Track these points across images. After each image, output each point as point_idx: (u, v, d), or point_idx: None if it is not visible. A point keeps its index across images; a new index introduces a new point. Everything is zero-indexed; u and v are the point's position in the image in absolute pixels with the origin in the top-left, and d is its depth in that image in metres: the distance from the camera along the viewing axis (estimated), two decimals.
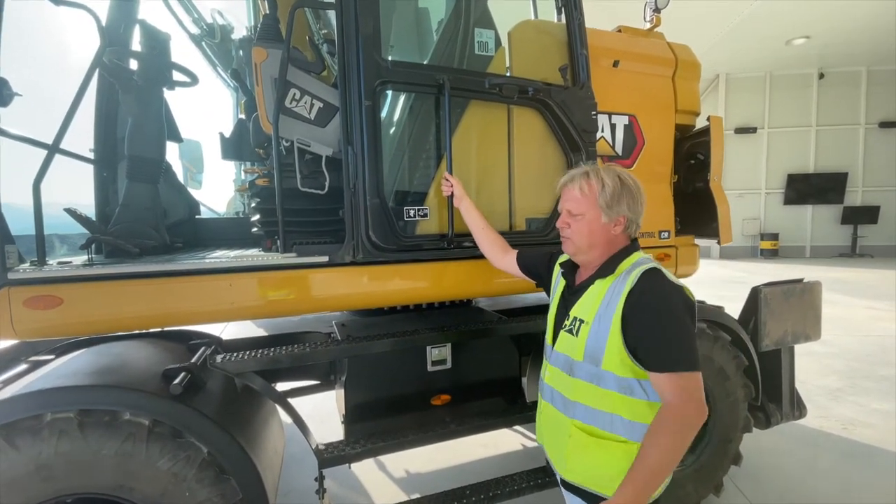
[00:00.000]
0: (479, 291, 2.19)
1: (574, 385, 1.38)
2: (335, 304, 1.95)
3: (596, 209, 1.37)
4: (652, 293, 1.25)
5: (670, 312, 1.23)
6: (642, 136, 2.42)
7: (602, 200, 1.36)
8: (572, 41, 2.09)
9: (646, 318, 1.24)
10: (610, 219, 1.37)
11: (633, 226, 1.40)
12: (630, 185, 1.37)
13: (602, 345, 1.29)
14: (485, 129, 2.05)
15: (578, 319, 1.38)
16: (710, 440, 2.72)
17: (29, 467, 1.51)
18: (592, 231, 1.39)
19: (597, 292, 1.36)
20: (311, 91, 1.94)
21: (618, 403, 1.30)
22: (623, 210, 1.36)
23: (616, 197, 1.35)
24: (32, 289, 1.53)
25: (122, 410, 1.59)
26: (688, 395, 1.18)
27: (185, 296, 1.68)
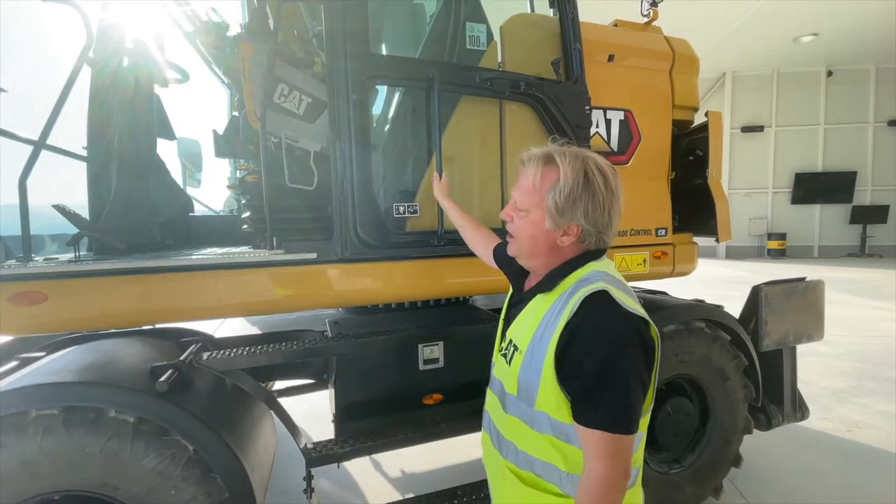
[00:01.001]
0: (473, 289, 2.17)
1: (507, 422, 1.17)
2: (325, 301, 1.93)
3: (542, 210, 1.07)
4: (589, 327, 0.99)
5: (610, 354, 0.97)
6: (638, 132, 2.38)
7: (551, 200, 1.04)
8: (566, 35, 2.06)
9: (578, 357, 0.99)
10: (556, 226, 1.06)
11: (590, 238, 1.08)
12: (596, 186, 1.03)
13: (535, 382, 1.06)
14: (476, 125, 2.03)
15: (513, 345, 1.15)
16: (710, 441, 2.68)
17: (14, 464, 1.50)
18: (534, 235, 1.10)
19: (535, 314, 1.11)
20: (300, 86, 1.92)
21: (553, 451, 1.07)
22: (577, 217, 1.04)
23: (571, 199, 1.02)
24: (17, 285, 1.52)
25: (107, 408, 1.58)
26: (609, 461, 0.97)
27: (170, 293, 1.67)
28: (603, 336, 0.99)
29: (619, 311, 1.00)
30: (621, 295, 1.03)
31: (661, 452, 2.64)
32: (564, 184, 1.03)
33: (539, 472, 1.10)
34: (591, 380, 0.98)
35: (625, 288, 1.08)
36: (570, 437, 1.05)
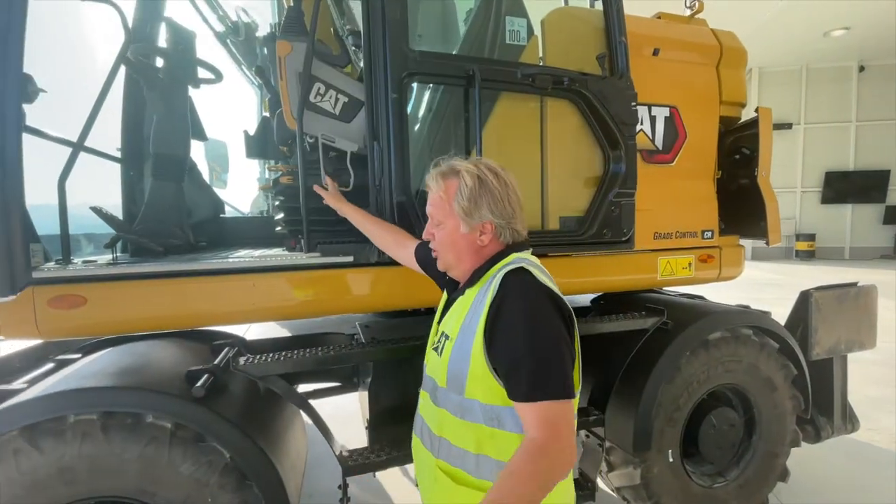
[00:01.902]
0: None
1: (440, 416, 1.16)
2: (360, 305, 1.88)
3: (454, 217, 1.15)
4: (511, 299, 1.03)
5: (529, 326, 1.00)
6: (684, 129, 2.27)
7: (457, 207, 1.13)
8: (610, 28, 1.97)
9: (503, 332, 1.02)
10: (471, 228, 1.14)
11: (505, 231, 1.15)
12: (490, 183, 1.12)
13: (465, 367, 1.07)
14: (516, 123, 1.95)
15: (444, 335, 1.17)
16: (755, 454, 2.55)
17: (51, 470, 1.48)
18: (455, 242, 1.17)
19: (464, 303, 1.15)
20: (336, 85, 1.87)
21: (485, 440, 1.07)
22: (485, 215, 1.12)
23: (474, 200, 1.11)
24: (57, 288, 1.50)
25: (145, 413, 1.55)
26: (552, 430, 0.95)
27: (208, 296, 1.64)
28: (524, 308, 1.03)
29: (536, 283, 1.06)
30: (539, 273, 1.09)
31: (704, 465, 2.53)
32: (464, 188, 1.13)
33: (471, 468, 1.10)
34: (519, 351, 1.00)
35: (543, 271, 1.14)
36: (503, 421, 1.06)
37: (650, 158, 2.19)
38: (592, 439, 2.28)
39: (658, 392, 2.18)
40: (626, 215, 1.99)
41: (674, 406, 2.26)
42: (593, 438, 2.27)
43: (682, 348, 2.21)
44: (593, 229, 1.96)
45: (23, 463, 1.46)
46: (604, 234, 1.97)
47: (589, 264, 2.17)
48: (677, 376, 2.24)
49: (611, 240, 1.99)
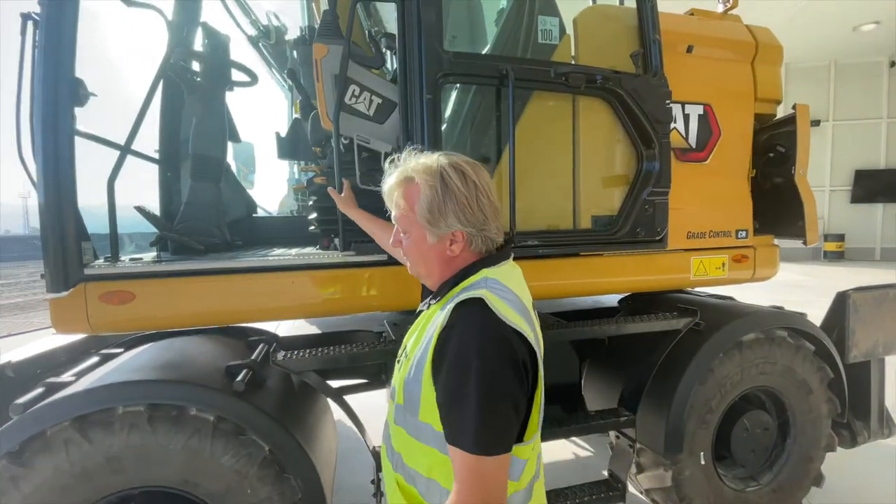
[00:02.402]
0: (541, 293, 2.09)
1: (396, 433, 1.10)
2: (395, 303, 1.91)
3: (419, 227, 1.04)
4: (457, 335, 0.93)
5: (471, 369, 0.90)
6: (718, 127, 2.24)
7: (421, 217, 1.02)
8: (644, 26, 1.95)
9: (446, 369, 0.93)
10: (438, 237, 1.03)
11: (476, 239, 1.03)
12: (454, 188, 0.99)
13: (417, 391, 1.00)
14: (548, 122, 1.95)
15: (405, 352, 1.09)
16: (789, 458, 2.50)
17: (100, 459, 1.54)
18: (423, 253, 1.07)
19: (425, 320, 1.08)
20: (370, 87, 1.90)
21: (436, 465, 1.00)
22: (452, 223, 1.00)
23: (437, 208, 1.00)
24: (107, 284, 1.56)
25: (189, 406, 1.60)
26: (475, 484, 0.89)
27: (250, 293, 1.68)
28: (466, 348, 0.92)
29: (486, 322, 0.93)
30: (500, 304, 0.96)
31: (737, 469, 2.48)
32: (425, 196, 1.01)
33: (422, 489, 1.04)
34: (450, 395, 0.92)
35: (510, 297, 1.00)
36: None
37: (683, 156, 2.17)
38: (623, 440, 2.26)
39: (690, 393, 2.15)
40: (660, 214, 1.98)
41: (706, 408, 2.23)
42: (623, 439, 2.25)
43: (716, 349, 2.17)
44: (626, 228, 1.95)
45: (73, 452, 1.52)
46: (637, 234, 1.96)
47: (620, 264, 2.16)
48: (710, 378, 2.20)
49: (644, 239, 1.97)
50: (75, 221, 1.54)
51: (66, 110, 1.53)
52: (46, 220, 1.50)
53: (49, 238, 1.51)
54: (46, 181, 1.50)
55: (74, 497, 1.54)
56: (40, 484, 1.51)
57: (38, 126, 1.51)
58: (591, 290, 2.22)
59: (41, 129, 1.50)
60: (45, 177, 1.50)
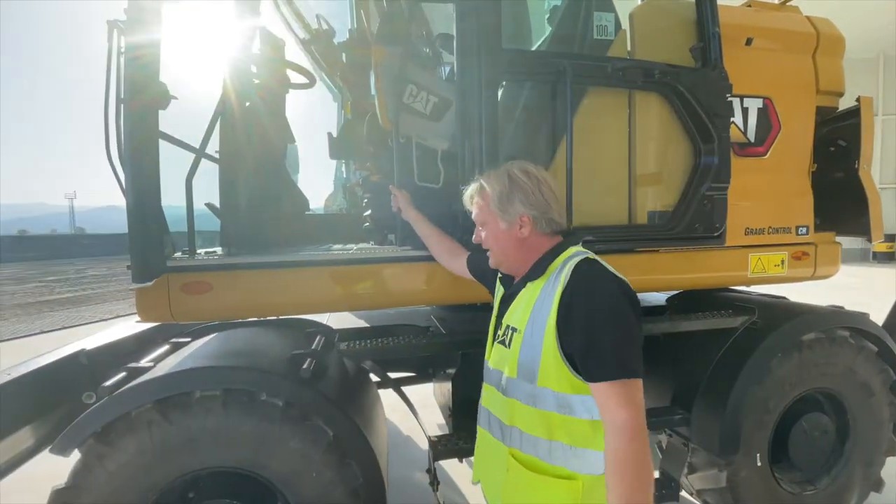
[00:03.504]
0: None
1: (510, 406, 1.21)
2: (447, 296, 1.95)
3: (493, 217, 1.25)
4: (585, 288, 1.09)
5: (607, 309, 1.06)
6: (778, 121, 2.18)
7: (494, 206, 1.24)
8: (703, 19, 1.93)
9: (580, 318, 1.07)
10: (509, 223, 1.22)
11: (541, 222, 1.21)
12: (520, 180, 1.21)
13: (537, 356, 1.13)
14: (603, 117, 1.95)
15: (511, 328, 1.23)
16: (848, 462, 2.42)
17: (179, 440, 1.63)
18: (498, 239, 1.26)
19: (529, 296, 1.21)
20: (427, 86, 1.94)
21: (557, 426, 1.12)
22: (518, 209, 1.20)
23: (505, 197, 1.21)
24: (187, 276, 1.66)
25: (259, 391, 1.68)
26: (636, 407, 1.01)
27: (317, 284, 1.76)
28: (597, 294, 1.08)
29: (606, 273, 1.12)
30: (604, 262, 1.15)
31: (793, 472, 2.42)
32: (494, 190, 1.24)
33: (543, 454, 1.14)
34: (594, 333, 1.05)
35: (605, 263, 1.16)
36: (573, 408, 1.11)
37: (742, 151, 2.12)
38: (676, 439, 2.23)
39: (747, 393, 2.11)
40: (719, 210, 1.95)
41: (763, 409, 2.18)
42: (677, 438, 2.23)
43: (774, 349, 2.12)
44: (684, 224, 1.93)
45: (155, 433, 1.62)
46: (695, 229, 1.94)
47: (676, 260, 2.13)
48: (767, 378, 2.16)
49: (702, 235, 1.95)
50: (159, 218, 1.64)
51: (152, 114, 1.63)
52: (133, 217, 1.61)
53: (135, 233, 1.61)
54: (134, 180, 1.60)
55: (154, 476, 1.64)
56: (124, 463, 1.61)
57: (126, 129, 1.61)
58: (647, 286, 2.21)
59: (129, 131, 1.61)
60: (132, 176, 1.60)
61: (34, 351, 2.25)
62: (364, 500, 1.76)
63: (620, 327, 1.05)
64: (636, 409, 1.01)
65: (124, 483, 1.62)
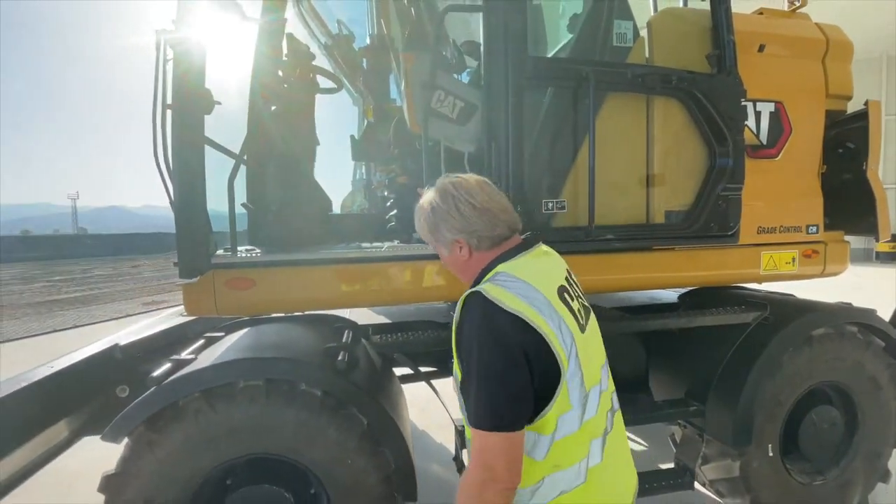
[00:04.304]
0: (614, 286, 2.19)
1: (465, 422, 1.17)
2: None
3: (437, 247, 1.24)
4: (461, 325, 1.06)
5: (470, 352, 1.02)
6: (789, 124, 2.27)
7: (428, 239, 1.23)
8: (719, 27, 2.02)
9: (462, 361, 1.06)
10: (448, 249, 1.20)
11: (474, 239, 1.15)
12: (438, 208, 1.16)
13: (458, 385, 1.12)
14: (622, 121, 2.04)
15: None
16: (857, 454, 2.50)
17: (223, 428, 1.71)
18: (449, 264, 1.26)
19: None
20: (454, 91, 2.03)
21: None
22: (447, 236, 1.17)
23: (434, 227, 1.18)
24: (232, 272, 1.75)
25: (299, 381, 1.76)
26: (482, 461, 0.99)
27: (353, 280, 1.84)
28: (466, 339, 1.04)
29: (483, 310, 1.02)
30: (500, 292, 1.03)
31: (803, 462, 2.50)
32: (423, 224, 1.21)
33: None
34: (465, 379, 1.04)
35: (517, 286, 1.06)
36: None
37: (754, 153, 2.21)
38: (691, 430, 2.32)
39: (760, 386, 2.19)
40: (733, 209, 2.04)
41: (775, 401, 2.26)
42: (691, 429, 2.31)
43: (786, 344, 2.21)
44: (700, 223, 2.01)
45: (201, 421, 1.71)
46: (710, 228, 2.03)
47: (691, 258, 2.22)
48: (779, 372, 2.24)
49: (717, 234, 2.04)
50: (204, 218, 1.74)
51: (198, 119, 1.72)
52: (180, 217, 1.70)
53: (182, 232, 1.71)
54: (182, 181, 1.69)
55: (200, 462, 1.73)
56: (172, 449, 1.69)
57: (173, 133, 1.70)
58: (664, 283, 2.30)
59: (177, 136, 1.70)
60: (180, 178, 1.70)
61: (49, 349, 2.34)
62: (396, 486, 1.84)
63: (481, 379, 1.00)
64: (480, 460, 0.99)
65: (171, 469, 1.70)
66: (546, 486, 1.06)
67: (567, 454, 1.07)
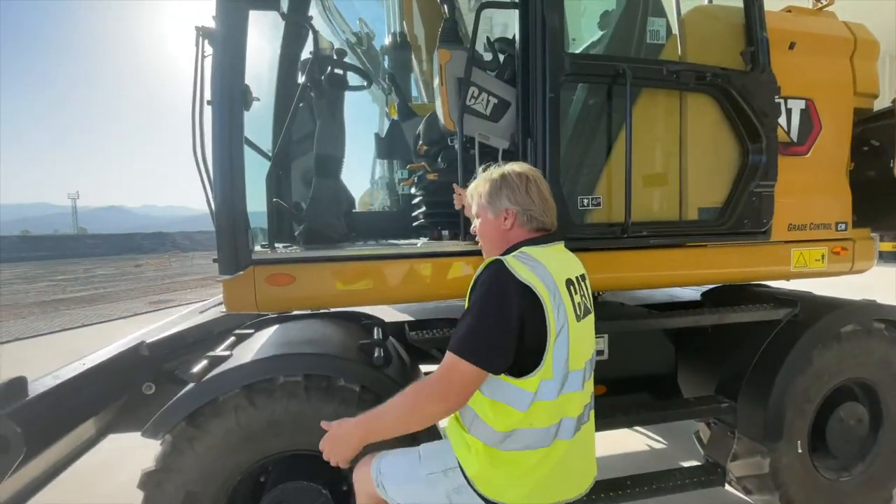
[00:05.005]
0: (652, 282, 2.19)
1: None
2: None
3: (484, 209, 1.38)
4: (476, 282, 1.24)
5: (477, 298, 1.20)
6: (819, 122, 2.28)
7: (485, 199, 1.37)
8: (752, 24, 2.03)
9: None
10: (495, 214, 1.35)
11: (524, 216, 1.33)
12: (511, 179, 1.33)
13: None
14: (656, 118, 2.05)
15: None
16: (882, 449, 2.51)
17: (263, 424, 1.71)
18: (486, 228, 1.40)
19: None
20: (488, 88, 2.04)
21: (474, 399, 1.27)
22: (504, 203, 1.33)
23: (495, 192, 1.34)
24: (272, 268, 1.75)
25: (337, 376, 1.76)
26: (444, 376, 1.18)
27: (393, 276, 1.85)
28: (478, 287, 1.21)
29: (498, 273, 1.18)
30: (517, 264, 1.19)
31: (829, 459, 2.51)
32: (487, 184, 1.36)
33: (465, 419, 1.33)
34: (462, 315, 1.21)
35: (533, 263, 1.21)
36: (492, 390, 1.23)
37: (785, 150, 2.21)
38: (720, 427, 2.33)
39: (790, 383, 2.20)
40: (766, 206, 2.04)
41: (804, 398, 2.27)
42: (721, 426, 2.32)
43: (816, 340, 2.22)
44: (733, 220, 2.02)
45: (241, 417, 1.71)
46: (744, 225, 2.03)
47: (723, 254, 2.23)
48: (808, 368, 2.24)
49: (750, 230, 2.05)
50: (244, 214, 1.74)
51: (238, 116, 1.72)
52: (222, 213, 1.70)
53: (223, 228, 1.71)
54: (223, 178, 1.69)
55: (239, 458, 1.73)
56: (212, 445, 1.69)
57: (214, 130, 1.71)
58: (695, 280, 2.30)
59: (218, 132, 1.70)
60: (220, 175, 1.70)
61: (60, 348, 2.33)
62: None
63: (475, 317, 1.18)
64: (441, 378, 1.19)
65: (211, 465, 1.70)
66: (515, 436, 1.22)
67: (540, 416, 1.22)
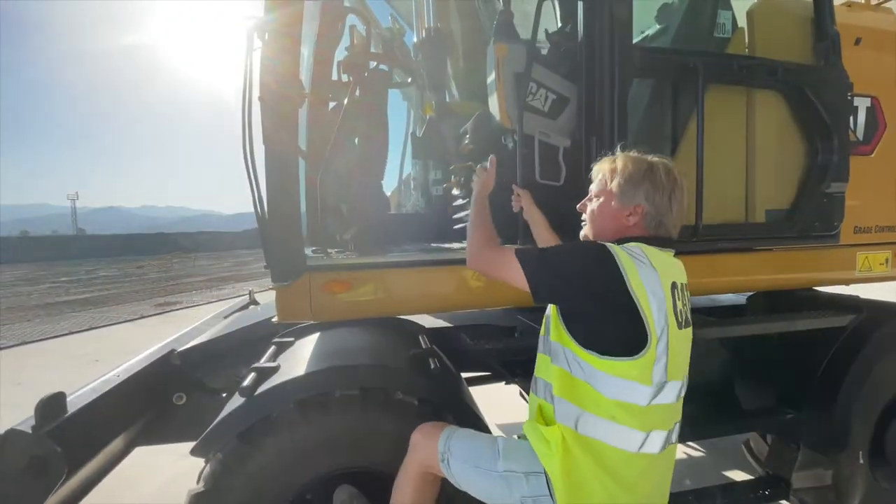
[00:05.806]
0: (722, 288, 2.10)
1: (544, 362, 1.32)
2: None
3: (611, 194, 1.25)
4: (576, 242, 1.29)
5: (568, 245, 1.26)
6: (884, 120, 2.19)
7: (617, 184, 1.23)
8: (823, 18, 1.94)
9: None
10: (623, 204, 1.23)
11: (651, 219, 1.21)
12: (657, 176, 1.20)
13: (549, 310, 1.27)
14: (722, 114, 1.95)
15: None
16: None
17: (318, 440, 1.60)
18: (603, 214, 1.27)
19: None
20: (547, 84, 1.94)
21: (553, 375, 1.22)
22: (639, 198, 1.20)
23: (633, 182, 1.21)
24: (329, 275, 1.65)
25: (393, 389, 1.66)
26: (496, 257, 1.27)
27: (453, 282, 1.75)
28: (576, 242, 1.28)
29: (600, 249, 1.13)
30: (621, 252, 1.11)
31: (885, 468, 2.43)
32: (625, 169, 1.23)
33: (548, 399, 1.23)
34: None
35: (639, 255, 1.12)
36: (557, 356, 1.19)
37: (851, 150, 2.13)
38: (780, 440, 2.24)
39: (854, 392, 2.12)
40: (837, 208, 1.96)
41: (867, 407, 2.19)
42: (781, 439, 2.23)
43: (881, 347, 2.14)
44: (802, 222, 1.93)
45: (296, 433, 1.60)
46: (814, 227, 1.95)
47: (790, 259, 2.14)
48: (872, 376, 2.16)
49: (819, 233, 1.96)
50: (297, 218, 1.64)
51: (291, 111, 1.62)
52: (273, 217, 1.60)
53: (275, 234, 1.61)
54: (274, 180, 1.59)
55: (292, 476, 1.62)
56: (265, 464, 1.58)
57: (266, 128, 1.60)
58: (762, 285, 2.22)
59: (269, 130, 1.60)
60: (272, 175, 1.60)
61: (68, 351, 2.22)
62: None
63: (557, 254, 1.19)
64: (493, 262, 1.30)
65: (263, 484, 1.59)
66: (593, 424, 1.12)
67: (625, 416, 1.10)
